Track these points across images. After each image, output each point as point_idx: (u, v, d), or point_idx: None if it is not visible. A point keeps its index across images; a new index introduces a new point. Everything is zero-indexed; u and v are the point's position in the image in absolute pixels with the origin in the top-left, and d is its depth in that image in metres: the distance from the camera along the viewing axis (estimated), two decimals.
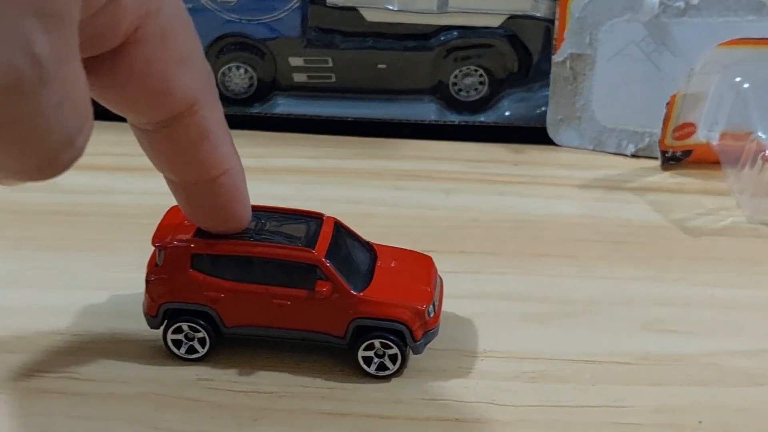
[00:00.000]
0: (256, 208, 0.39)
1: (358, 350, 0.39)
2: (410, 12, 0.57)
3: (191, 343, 0.40)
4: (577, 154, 0.58)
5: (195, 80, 0.32)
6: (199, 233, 0.39)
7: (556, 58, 0.57)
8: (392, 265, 0.41)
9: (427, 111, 0.60)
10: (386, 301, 0.39)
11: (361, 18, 0.58)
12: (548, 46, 0.58)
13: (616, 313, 0.44)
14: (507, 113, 0.60)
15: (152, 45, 0.29)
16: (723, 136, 0.54)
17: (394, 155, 0.57)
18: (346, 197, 0.53)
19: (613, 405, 0.39)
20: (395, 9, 0.57)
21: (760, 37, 0.53)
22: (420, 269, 0.41)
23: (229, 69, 0.59)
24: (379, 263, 0.41)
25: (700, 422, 0.38)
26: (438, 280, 0.41)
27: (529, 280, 0.46)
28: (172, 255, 0.39)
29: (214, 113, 0.33)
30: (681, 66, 0.55)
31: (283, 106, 0.60)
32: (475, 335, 0.42)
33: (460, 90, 0.60)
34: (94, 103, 0.27)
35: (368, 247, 0.41)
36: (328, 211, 0.51)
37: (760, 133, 0.51)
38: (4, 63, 0.22)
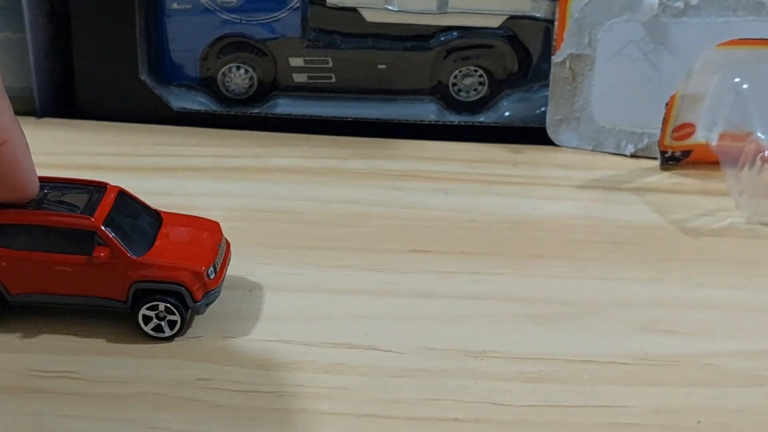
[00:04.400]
0: (42, 179, 0.40)
1: (139, 310, 0.40)
2: (410, 12, 0.57)
3: None
4: (576, 155, 0.58)
5: None
6: None
7: (556, 58, 0.57)
8: (176, 231, 0.42)
9: (427, 111, 0.60)
10: (165, 264, 0.40)
11: (361, 18, 0.58)
12: (548, 47, 0.58)
13: (615, 313, 0.44)
14: (506, 113, 0.60)
15: None
16: (722, 136, 0.54)
17: (393, 155, 0.57)
18: (345, 197, 0.53)
19: (612, 405, 0.39)
20: (395, 9, 0.57)
21: (759, 37, 0.53)
22: (204, 234, 0.42)
23: (230, 69, 0.59)
24: (163, 229, 0.42)
25: (699, 423, 0.38)
26: (223, 245, 0.42)
27: (528, 280, 0.46)
28: None
29: None
30: (680, 66, 0.54)
31: (283, 106, 0.60)
32: (474, 335, 0.42)
33: (460, 90, 0.60)
34: (92, 101, 0.27)
35: (155, 215, 0.43)
36: (326, 212, 0.51)
37: (759, 134, 0.51)
38: None
